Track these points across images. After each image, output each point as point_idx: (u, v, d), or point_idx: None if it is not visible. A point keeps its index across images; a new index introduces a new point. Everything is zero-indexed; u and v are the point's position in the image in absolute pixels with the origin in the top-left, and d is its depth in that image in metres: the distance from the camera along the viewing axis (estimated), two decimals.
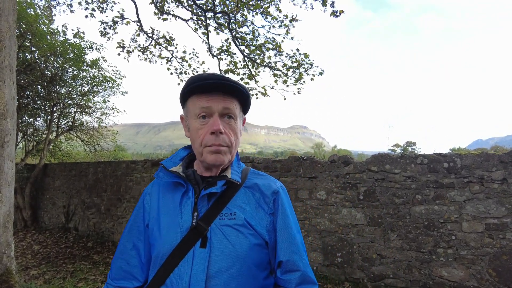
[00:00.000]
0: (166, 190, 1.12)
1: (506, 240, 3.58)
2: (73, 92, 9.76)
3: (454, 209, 3.86)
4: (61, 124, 10.47)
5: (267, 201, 1.06)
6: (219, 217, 1.00)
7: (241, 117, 1.12)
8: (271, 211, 1.05)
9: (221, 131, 1.00)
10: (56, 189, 8.98)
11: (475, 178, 3.80)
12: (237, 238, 0.97)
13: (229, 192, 1.05)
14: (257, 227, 1.01)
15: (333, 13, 5.61)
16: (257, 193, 1.07)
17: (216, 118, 1.01)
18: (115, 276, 1.13)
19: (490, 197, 3.70)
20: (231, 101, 1.03)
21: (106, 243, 6.99)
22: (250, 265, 0.96)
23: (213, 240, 0.97)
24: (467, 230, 3.76)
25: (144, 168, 6.85)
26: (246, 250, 0.96)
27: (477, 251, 3.69)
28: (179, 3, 7.33)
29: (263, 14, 6.81)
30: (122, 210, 7.09)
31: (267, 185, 1.09)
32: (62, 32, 8.70)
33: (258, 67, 7.31)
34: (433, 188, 3.99)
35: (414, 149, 61.52)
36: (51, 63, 8.60)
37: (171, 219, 1.03)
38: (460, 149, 39.67)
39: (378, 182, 4.30)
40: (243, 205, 1.04)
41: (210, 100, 1.01)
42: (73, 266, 5.43)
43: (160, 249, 1.00)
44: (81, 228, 7.95)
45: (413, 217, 4.05)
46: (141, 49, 8.28)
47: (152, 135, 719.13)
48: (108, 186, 7.53)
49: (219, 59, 7.60)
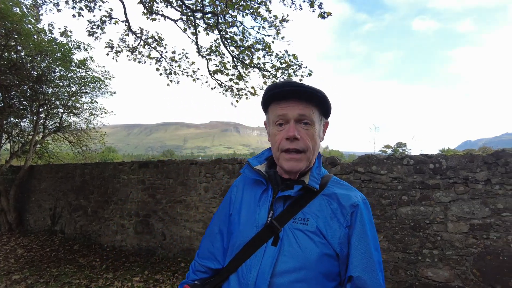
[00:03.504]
0: (250, 186, 1.20)
1: (489, 240, 3.61)
2: (60, 92, 9.59)
3: (440, 210, 3.88)
4: (48, 125, 10.29)
5: (344, 212, 1.04)
6: (293, 220, 1.03)
7: (322, 121, 1.14)
8: (347, 224, 1.03)
9: (296, 137, 1.03)
10: (42, 191, 8.82)
11: (460, 179, 3.83)
12: (307, 244, 0.99)
13: (306, 197, 1.07)
14: (329, 237, 1.00)
15: (321, 15, 5.62)
16: (335, 203, 1.06)
17: (292, 124, 1.04)
18: (201, 255, 1.26)
19: (475, 197, 3.73)
20: (307, 107, 1.05)
21: (93, 246, 6.88)
22: (317, 273, 0.97)
23: (284, 241, 1.00)
24: (452, 230, 3.79)
25: (132, 169, 6.76)
26: (315, 257, 0.97)
27: (462, 251, 3.72)
28: (168, 3, 7.27)
29: (253, 15, 6.79)
30: (110, 212, 6.99)
31: (346, 196, 1.07)
32: (48, 31, 8.54)
33: (247, 68, 7.29)
34: (419, 189, 4.01)
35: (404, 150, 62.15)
36: (37, 63, 8.45)
37: (250, 212, 1.11)
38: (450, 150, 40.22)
39: (365, 183, 4.30)
40: (318, 212, 1.04)
41: (287, 108, 1.05)
42: (58, 270, 5.32)
43: (237, 239, 1.09)
44: (67, 231, 7.82)
45: (400, 218, 4.06)
46: (130, 49, 8.18)
47: (144, 136, 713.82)
48: (95, 188, 7.42)
49: (207, 60, 7.56)
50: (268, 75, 7.13)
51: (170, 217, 6.07)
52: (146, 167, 6.58)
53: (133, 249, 6.44)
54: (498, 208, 3.61)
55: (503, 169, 3.65)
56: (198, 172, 5.85)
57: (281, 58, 6.85)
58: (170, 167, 6.23)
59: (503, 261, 3.52)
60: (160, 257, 5.84)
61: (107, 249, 6.65)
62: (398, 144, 67.00)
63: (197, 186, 5.80)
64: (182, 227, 5.87)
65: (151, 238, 6.24)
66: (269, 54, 6.99)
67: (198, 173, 5.84)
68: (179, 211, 5.96)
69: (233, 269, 1.06)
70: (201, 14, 7.04)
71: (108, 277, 5.01)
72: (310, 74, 6.90)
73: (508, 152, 3.68)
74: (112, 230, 6.89)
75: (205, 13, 6.97)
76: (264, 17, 6.76)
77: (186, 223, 5.83)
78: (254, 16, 6.79)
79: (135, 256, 6.06)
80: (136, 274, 5.10)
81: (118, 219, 6.82)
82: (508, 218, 3.56)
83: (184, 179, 5.99)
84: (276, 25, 6.81)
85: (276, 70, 6.97)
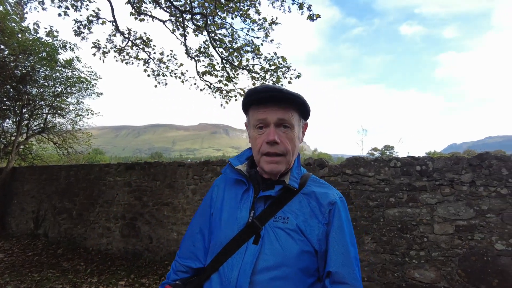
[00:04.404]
0: (231, 185, 1.22)
1: (474, 241, 3.66)
2: (45, 92, 9.40)
3: (426, 211, 3.92)
4: (32, 126, 10.06)
5: (322, 210, 1.09)
6: (273, 219, 1.07)
7: (301, 124, 1.17)
8: (326, 221, 1.07)
9: (276, 141, 1.06)
10: (25, 194, 8.58)
11: (445, 181, 3.88)
12: (287, 242, 1.02)
13: (286, 196, 1.11)
14: (308, 234, 1.05)
15: (309, 17, 5.65)
16: (313, 201, 1.11)
17: (272, 128, 1.07)
18: (182, 255, 1.27)
19: (460, 199, 3.79)
20: (286, 111, 1.08)
21: (77, 249, 6.72)
22: (296, 270, 1.01)
23: (265, 240, 1.04)
24: (438, 232, 3.83)
25: (118, 171, 6.65)
26: (295, 254, 1.01)
27: (448, 252, 3.76)
28: (156, 4, 7.20)
29: (242, 17, 6.79)
30: (95, 215, 6.85)
31: (324, 194, 1.12)
32: (33, 30, 8.37)
33: (236, 69, 7.27)
34: (406, 191, 4.04)
35: (392, 153, 62.98)
36: (21, 62, 8.26)
37: (231, 212, 1.13)
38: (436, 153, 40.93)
39: (353, 185, 4.32)
40: (297, 211, 1.08)
41: (266, 112, 1.08)
42: (40, 275, 5.17)
43: (219, 238, 1.11)
44: (51, 234, 7.62)
45: (387, 219, 4.09)
46: (117, 50, 8.06)
47: (132, 138, 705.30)
48: (81, 190, 7.26)
49: (196, 61, 7.52)
50: (257, 77, 7.13)
51: (157, 220, 5.98)
52: (133, 169, 6.47)
53: (119, 252, 6.31)
54: (482, 209, 3.67)
55: (487, 171, 3.71)
56: (186, 174, 5.78)
57: (270, 60, 6.87)
58: (157, 169, 6.15)
59: (487, 262, 3.57)
60: (147, 261, 5.74)
61: (92, 252, 6.50)
62: (385, 147, 67.88)
63: (185, 188, 5.74)
64: (169, 230, 5.78)
65: (138, 241, 6.14)
66: (258, 56, 6.99)
67: (185, 175, 5.78)
68: (166, 213, 5.87)
69: (215, 268, 1.08)
70: (190, 15, 7.00)
71: (92, 282, 4.89)
72: (299, 77, 6.93)
73: (492, 155, 3.75)
74: (97, 233, 6.75)
75: (194, 15, 6.93)
76: (253, 19, 6.76)
77: (173, 226, 5.75)
78: (243, 18, 6.78)
79: (121, 260, 5.95)
80: (122, 278, 4.99)
81: (104, 222, 6.68)
82: (492, 219, 3.62)
83: (171, 181, 5.92)
84: (265, 28, 6.83)
85: (265, 72, 6.98)
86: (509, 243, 3.55)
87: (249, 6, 6.67)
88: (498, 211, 3.61)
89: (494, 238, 3.60)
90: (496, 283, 3.51)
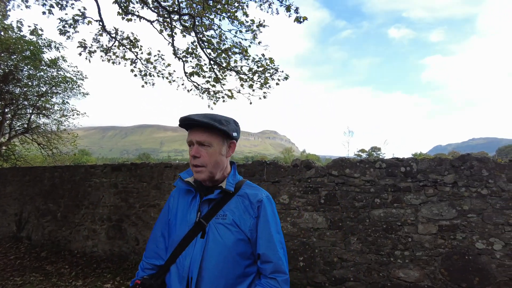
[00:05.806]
0: (184, 194, 1.52)
1: (456, 240, 3.75)
2: (28, 92, 9.19)
3: (411, 212, 3.99)
4: (15, 126, 9.82)
5: (252, 207, 1.39)
6: (215, 217, 1.37)
7: (225, 142, 1.43)
8: (255, 215, 1.38)
9: (196, 156, 1.36)
10: (7, 196, 8.36)
11: (429, 182, 3.96)
12: (226, 234, 1.33)
13: (225, 198, 1.41)
14: (242, 226, 1.35)
15: (297, 19, 5.69)
16: (246, 201, 1.41)
17: (195, 146, 1.37)
18: (148, 256, 1.55)
19: (443, 200, 3.87)
20: (207, 134, 1.36)
21: (62, 252, 6.58)
22: (234, 254, 1.31)
23: (210, 234, 1.34)
24: (422, 232, 3.91)
25: (104, 173, 6.55)
26: (232, 242, 1.32)
27: (431, 252, 3.84)
28: (144, 4, 7.14)
29: (230, 18, 6.79)
30: (80, 217, 6.72)
31: (254, 194, 1.43)
32: (17, 28, 8.19)
33: (224, 70, 7.26)
34: (391, 192, 4.11)
35: (379, 154, 63.78)
36: (3, 61, 8.06)
37: (183, 215, 1.43)
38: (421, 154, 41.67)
39: (339, 186, 4.37)
40: (234, 209, 1.39)
41: (191, 135, 1.38)
42: (22, 279, 5.05)
43: (175, 237, 1.40)
44: (34, 237, 7.44)
45: (373, 220, 4.14)
46: (104, 50, 7.96)
47: (119, 139, 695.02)
48: (66, 192, 7.12)
49: (184, 62, 7.48)
50: (245, 78, 7.14)
51: (143, 221, 5.91)
52: (119, 170, 6.39)
53: (105, 254, 6.22)
54: (464, 209, 3.76)
55: (468, 172, 3.81)
56: (173, 175, 5.74)
57: (258, 62, 6.88)
58: (144, 170, 6.08)
59: (468, 261, 3.67)
60: (133, 263, 5.67)
61: (77, 255, 6.38)
62: (372, 148, 68.75)
63: (172, 189, 5.69)
64: None
65: (124, 243, 6.06)
66: (246, 57, 7.00)
67: (172, 177, 5.74)
68: (153, 215, 5.82)
69: (173, 260, 1.37)
70: (177, 16, 6.96)
71: (77, 285, 4.80)
72: (287, 78, 6.97)
73: (473, 156, 3.85)
74: (83, 236, 6.63)
75: (181, 15, 6.90)
76: (241, 21, 6.77)
77: None
78: (231, 19, 6.78)
79: (107, 262, 5.85)
80: (108, 281, 4.92)
81: (90, 224, 6.57)
82: (473, 219, 3.72)
83: (158, 182, 5.87)
84: (253, 30, 6.84)
85: (253, 74, 6.99)
86: (489, 242, 3.65)
87: (236, 8, 6.67)
88: (479, 211, 3.71)
89: (475, 237, 3.69)
90: (477, 281, 3.61)
